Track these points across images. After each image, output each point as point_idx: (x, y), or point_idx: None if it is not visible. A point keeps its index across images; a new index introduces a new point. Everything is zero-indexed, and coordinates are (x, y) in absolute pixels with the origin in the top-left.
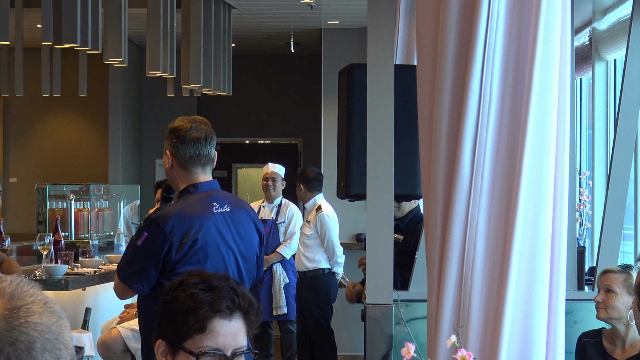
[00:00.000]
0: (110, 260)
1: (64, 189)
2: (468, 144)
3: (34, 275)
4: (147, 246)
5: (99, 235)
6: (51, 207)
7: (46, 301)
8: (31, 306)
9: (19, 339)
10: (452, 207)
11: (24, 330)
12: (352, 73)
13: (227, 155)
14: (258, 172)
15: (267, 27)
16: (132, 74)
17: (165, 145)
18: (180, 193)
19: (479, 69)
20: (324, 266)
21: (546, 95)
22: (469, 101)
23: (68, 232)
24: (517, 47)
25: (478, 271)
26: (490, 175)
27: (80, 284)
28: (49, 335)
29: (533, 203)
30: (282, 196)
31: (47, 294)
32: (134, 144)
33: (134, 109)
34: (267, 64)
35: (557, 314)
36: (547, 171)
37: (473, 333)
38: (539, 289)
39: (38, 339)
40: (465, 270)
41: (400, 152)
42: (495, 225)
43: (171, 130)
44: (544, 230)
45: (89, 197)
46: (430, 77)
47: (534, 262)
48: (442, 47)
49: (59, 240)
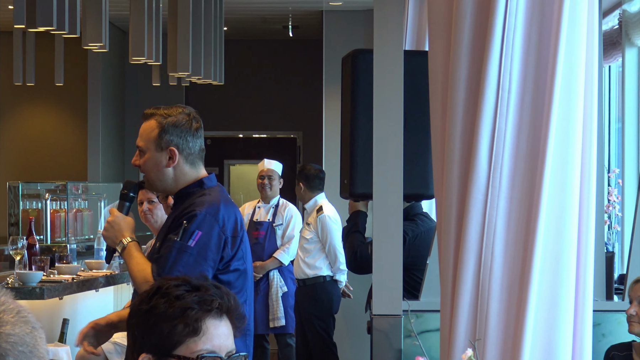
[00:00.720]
0: (89, 266)
1: (39, 187)
2: (485, 138)
3: (6, 282)
4: (203, 246)
5: (77, 239)
6: (24, 208)
7: (19, 310)
8: (2, 316)
9: None
10: (468, 208)
11: None
12: (357, 59)
13: (218, 150)
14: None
15: (262, 9)
16: (114, 60)
17: (165, 142)
18: (192, 187)
19: (498, 55)
20: (325, 273)
21: (571, 85)
22: (486, 91)
23: (43, 235)
24: (539, 32)
25: (496, 279)
26: (510, 172)
27: (57, 292)
28: (22, 347)
29: (557, 204)
30: (280, 196)
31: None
32: (115, 138)
33: (116, 99)
34: (263, 50)
35: (583, 326)
36: (573, 168)
37: (491, 347)
38: (564, 298)
39: (10, 352)
40: (482, 278)
41: (410, 148)
42: (515, 228)
43: (174, 124)
44: (569, 234)
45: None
46: (444, 65)
47: (557, 268)
48: (457, 30)
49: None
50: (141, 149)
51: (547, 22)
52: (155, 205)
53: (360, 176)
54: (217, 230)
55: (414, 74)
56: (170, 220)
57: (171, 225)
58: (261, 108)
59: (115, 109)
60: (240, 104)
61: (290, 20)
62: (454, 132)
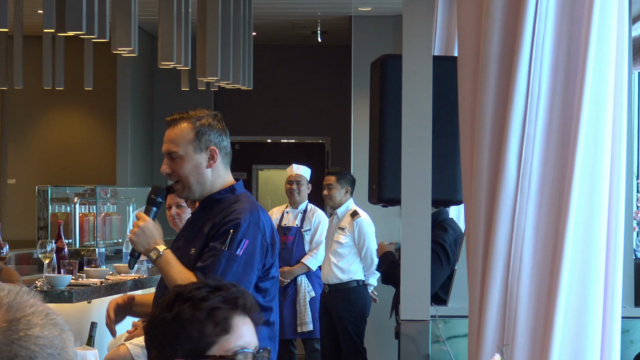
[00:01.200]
0: (118, 270)
1: (68, 191)
2: (514, 143)
3: (35, 285)
4: (250, 254)
5: (105, 243)
6: (53, 212)
7: (48, 312)
8: (31, 318)
9: (18, 354)
10: (497, 213)
11: (24, 345)
12: (386, 65)
13: (247, 155)
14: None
15: (291, 14)
16: (143, 65)
17: (204, 142)
18: (223, 193)
19: (527, 61)
20: (358, 277)
21: (600, 91)
22: (515, 96)
23: (72, 239)
24: (568, 38)
25: (524, 285)
26: (539, 178)
27: (86, 295)
28: (51, 350)
29: (586, 210)
30: (308, 201)
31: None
32: (144, 142)
33: (145, 103)
34: (292, 55)
35: (611, 333)
36: (602, 175)
37: (519, 352)
38: (592, 304)
39: (39, 354)
40: (511, 284)
41: (439, 153)
42: (544, 234)
43: (209, 125)
44: (598, 240)
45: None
46: (473, 70)
47: (586, 275)
48: (486, 35)
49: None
50: (176, 155)
51: (577, 28)
52: (183, 209)
53: (388, 181)
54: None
55: (443, 79)
56: (208, 227)
57: (211, 233)
58: (289, 113)
59: (144, 113)
60: (268, 109)
61: (319, 26)
62: (483, 138)
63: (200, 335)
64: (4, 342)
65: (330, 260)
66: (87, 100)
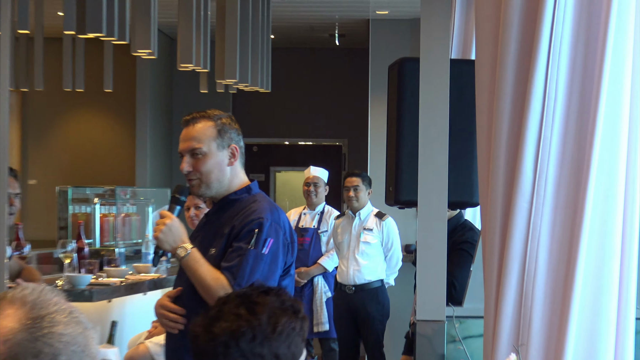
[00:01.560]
0: (137, 269)
1: (88, 192)
2: (531, 146)
3: (56, 285)
4: (275, 253)
5: (125, 243)
6: (74, 212)
7: (71, 310)
8: (55, 316)
9: (42, 351)
10: (513, 215)
11: (48, 342)
12: (403, 68)
13: (265, 157)
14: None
15: (309, 17)
16: (162, 67)
17: (226, 140)
18: (240, 193)
19: (544, 64)
20: (382, 277)
21: (617, 94)
22: (532, 99)
23: (92, 239)
24: (586, 41)
25: (540, 286)
26: (555, 181)
27: (106, 295)
28: (74, 347)
29: (601, 212)
30: (325, 203)
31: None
32: (163, 143)
33: (164, 105)
34: (310, 58)
35: (625, 334)
36: (617, 178)
37: (534, 352)
38: (606, 305)
39: (63, 351)
40: (526, 285)
41: (456, 155)
42: (560, 236)
43: (229, 124)
44: (613, 243)
45: (114, 201)
46: (490, 73)
47: (601, 276)
48: (504, 39)
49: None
50: (199, 151)
51: (594, 32)
52: (202, 211)
53: (405, 183)
54: (282, 236)
55: (460, 82)
56: (228, 228)
57: (233, 233)
58: (307, 115)
59: (163, 115)
60: (286, 111)
61: (337, 29)
62: (500, 141)
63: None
64: (29, 339)
65: (358, 261)
66: (106, 101)
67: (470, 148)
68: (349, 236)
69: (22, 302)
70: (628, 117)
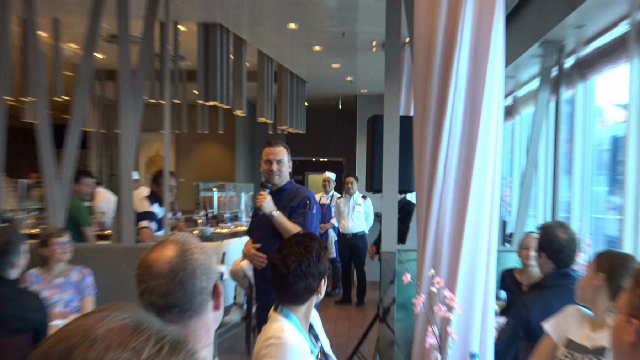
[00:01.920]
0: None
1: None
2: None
3: (193, 233)
4: (318, 214)
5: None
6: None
7: (202, 247)
8: (194, 249)
9: (187, 268)
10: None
11: (190, 262)
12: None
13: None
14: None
15: (324, 93)
16: (248, 119)
17: (285, 157)
18: (288, 185)
19: (449, 116)
20: (364, 229)
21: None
22: (442, 135)
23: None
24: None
25: (446, 233)
26: (455, 176)
27: (220, 238)
28: (204, 265)
29: (478, 189)
30: (334, 191)
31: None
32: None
33: (249, 139)
34: (325, 114)
35: (490, 257)
36: (487, 173)
37: (443, 269)
38: (480, 243)
39: (198, 267)
40: (439, 233)
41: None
42: (457, 205)
43: (288, 149)
44: (484, 204)
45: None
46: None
47: (478, 228)
48: (427, 104)
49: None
50: (282, 162)
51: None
52: None
53: (376, 180)
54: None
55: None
56: (295, 203)
57: (293, 205)
58: (323, 144)
59: (248, 145)
60: (313, 141)
61: (340, 99)
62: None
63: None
64: (180, 261)
65: (354, 220)
66: (219, 137)
67: (410, 160)
68: (347, 208)
69: (177, 242)
70: (494, 142)
